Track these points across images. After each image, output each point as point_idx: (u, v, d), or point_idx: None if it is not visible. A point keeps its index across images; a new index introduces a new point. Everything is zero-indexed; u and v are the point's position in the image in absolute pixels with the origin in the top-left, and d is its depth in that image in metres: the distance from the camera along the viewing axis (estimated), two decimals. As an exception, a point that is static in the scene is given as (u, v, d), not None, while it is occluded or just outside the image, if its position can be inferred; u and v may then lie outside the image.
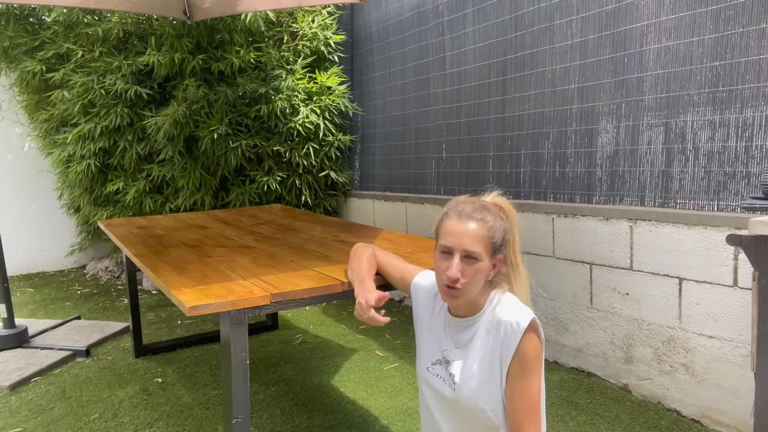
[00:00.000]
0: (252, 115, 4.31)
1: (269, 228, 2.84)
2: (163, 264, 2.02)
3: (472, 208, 1.30)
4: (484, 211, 1.30)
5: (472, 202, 1.32)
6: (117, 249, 4.75)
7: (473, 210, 1.30)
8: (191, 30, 4.20)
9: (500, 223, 1.30)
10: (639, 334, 2.58)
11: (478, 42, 3.37)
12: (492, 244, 1.29)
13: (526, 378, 1.26)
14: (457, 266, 1.26)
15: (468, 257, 1.26)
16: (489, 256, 1.29)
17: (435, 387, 1.41)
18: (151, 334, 3.58)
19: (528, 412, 1.26)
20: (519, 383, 1.26)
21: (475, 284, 1.28)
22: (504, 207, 1.35)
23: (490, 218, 1.29)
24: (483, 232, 1.27)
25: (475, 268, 1.26)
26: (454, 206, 1.33)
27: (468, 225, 1.27)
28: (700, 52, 2.29)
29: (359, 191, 4.73)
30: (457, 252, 1.27)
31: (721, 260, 2.23)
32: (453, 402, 1.35)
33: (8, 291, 3.21)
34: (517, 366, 1.26)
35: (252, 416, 2.42)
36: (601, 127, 2.70)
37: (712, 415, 2.32)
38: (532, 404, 1.26)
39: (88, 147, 4.31)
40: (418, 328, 1.51)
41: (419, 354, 1.48)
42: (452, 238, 1.27)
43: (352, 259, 1.69)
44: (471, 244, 1.26)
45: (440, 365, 1.40)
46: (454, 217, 1.30)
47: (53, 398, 2.66)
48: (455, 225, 1.28)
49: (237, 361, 1.59)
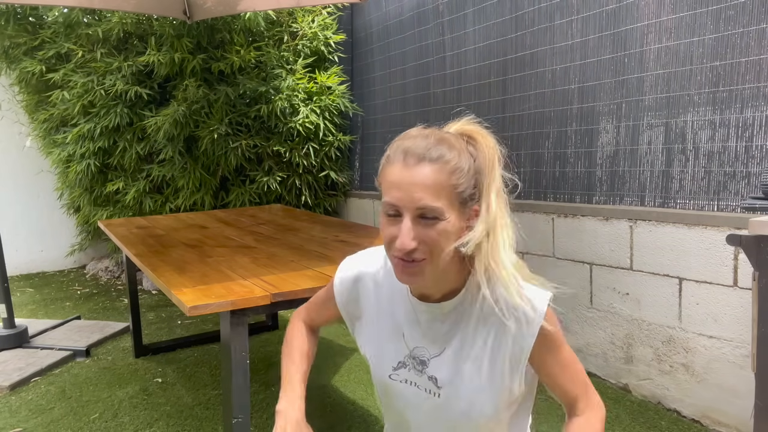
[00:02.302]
0: (252, 115, 4.31)
1: (269, 228, 2.84)
2: (163, 264, 2.02)
3: (425, 143, 0.90)
4: (442, 145, 0.90)
5: (426, 136, 0.92)
6: (117, 249, 4.75)
7: (426, 146, 0.90)
8: (191, 30, 4.20)
9: (467, 160, 0.91)
10: (639, 334, 2.58)
11: (478, 42, 3.37)
12: (458, 193, 0.90)
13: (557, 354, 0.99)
14: (409, 232, 0.88)
15: (423, 217, 0.88)
16: (456, 209, 0.90)
17: (404, 396, 1.07)
18: (151, 334, 3.58)
19: (576, 381, 1.01)
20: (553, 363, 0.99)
21: (441, 254, 0.90)
22: (474, 136, 0.95)
23: (452, 155, 0.90)
24: (442, 178, 0.88)
25: (437, 231, 0.89)
26: (399, 144, 0.93)
27: (418, 170, 0.88)
28: (700, 52, 2.29)
29: (359, 191, 4.73)
30: (406, 211, 0.88)
31: (721, 260, 2.23)
32: (436, 411, 1.04)
33: (8, 291, 3.21)
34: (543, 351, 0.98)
35: (252, 416, 2.42)
36: (601, 127, 2.70)
37: (712, 415, 2.32)
38: (575, 372, 1.01)
39: (88, 147, 4.31)
40: (361, 328, 1.14)
41: (372, 358, 1.12)
42: (397, 193, 0.89)
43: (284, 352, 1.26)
44: (425, 198, 0.87)
45: (408, 368, 1.06)
46: (398, 161, 0.91)
47: (53, 398, 2.66)
48: (400, 172, 0.89)
49: (237, 361, 1.59)
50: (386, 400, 1.14)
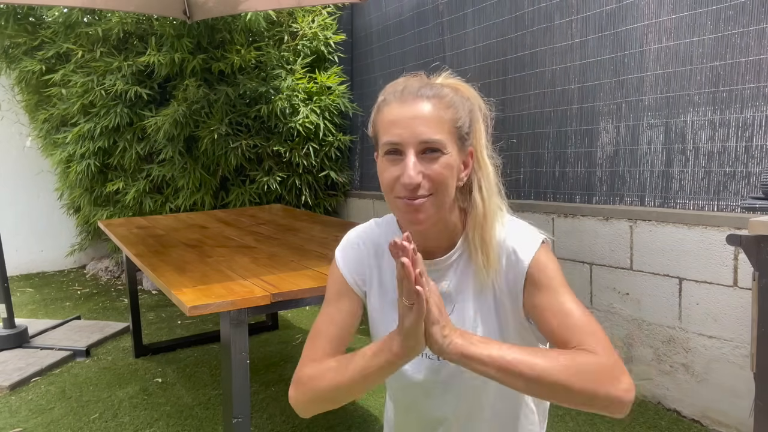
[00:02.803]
0: (252, 115, 4.31)
1: (269, 228, 2.84)
2: (163, 264, 2.02)
3: (419, 83, 0.93)
4: (438, 85, 0.93)
5: (417, 78, 0.95)
6: (117, 249, 4.75)
7: (421, 85, 0.92)
8: (191, 30, 4.20)
9: (462, 100, 0.93)
10: (639, 334, 2.58)
11: (478, 42, 3.37)
12: (457, 128, 0.91)
13: (553, 294, 0.90)
14: (415, 165, 0.86)
15: (428, 151, 0.88)
16: (456, 145, 0.91)
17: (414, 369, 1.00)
18: (151, 334, 3.58)
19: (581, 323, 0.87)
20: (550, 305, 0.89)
21: (445, 189, 0.89)
22: (460, 87, 0.97)
23: (449, 92, 0.92)
24: (441, 112, 0.89)
25: (440, 165, 0.88)
26: (392, 89, 0.94)
27: (418, 105, 0.89)
28: (700, 52, 2.29)
29: (359, 191, 4.73)
30: (409, 146, 0.87)
31: (721, 260, 2.23)
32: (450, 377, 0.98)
33: (8, 291, 3.21)
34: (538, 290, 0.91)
35: (252, 416, 2.42)
36: (601, 127, 2.70)
37: (712, 415, 2.32)
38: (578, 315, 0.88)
39: (88, 147, 4.31)
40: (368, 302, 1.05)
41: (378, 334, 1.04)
42: (398, 129, 0.88)
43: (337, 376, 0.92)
44: (428, 131, 0.87)
45: None
46: (395, 100, 0.91)
47: (53, 398, 2.66)
48: (399, 109, 0.90)
49: (237, 361, 1.59)
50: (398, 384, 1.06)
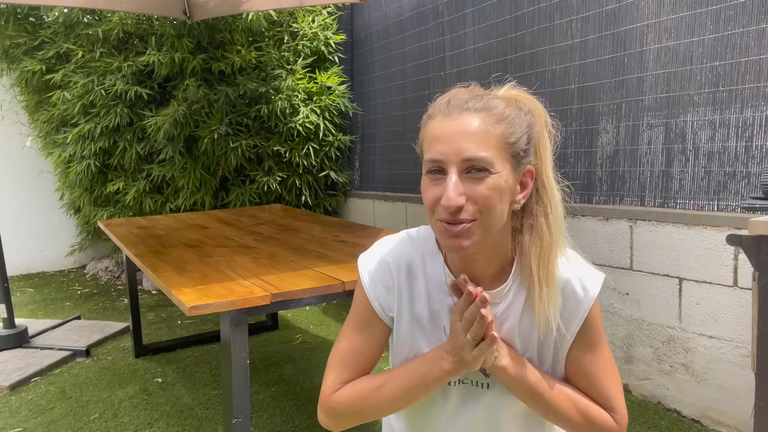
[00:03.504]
0: (252, 115, 4.31)
1: (269, 228, 2.84)
2: (163, 264, 2.02)
3: (468, 95, 0.84)
4: (489, 96, 0.85)
5: (469, 90, 0.87)
6: (117, 249, 4.75)
7: (470, 97, 0.83)
8: (192, 30, 4.20)
9: (519, 114, 0.83)
10: (639, 334, 2.58)
11: (478, 42, 3.37)
12: (510, 144, 0.80)
13: (597, 350, 0.91)
14: (456, 186, 0.78)
15: (470, 170, 0.79)
16: (509, 165, 0.81)
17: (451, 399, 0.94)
18: (151, 334, 3.58)
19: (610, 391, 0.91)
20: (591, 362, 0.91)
21: (494, 214, 0.80)
22: (523, 99, 0.88)
23: (500, 104, 0.82)
24: (489, 126, 0.79)
25: (487, 186, 0.78)
26: (439, 101, 0.86)
27: (463, 119, 0.80)
28: (700, 52, 2.29)
29: (359, 191, 4.73)
30: (451, 165, 0.79)
31: (721, 260, 2.23)
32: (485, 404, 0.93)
33: (8, 291, 3.21)
34: (585, 345, 0.90)
35: (252, 416, 2.42)
36: (601, 127, 2.70)
37: (712, 415, 2.32)
38: (609, 374, 0.92)
39: (88, 147, 4.31)
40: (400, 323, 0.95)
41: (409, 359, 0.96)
42: (440, 146, 0.79)
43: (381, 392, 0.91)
44: (472, 148, 0.78)
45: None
46: (440, 114, 0.83)
47: (53, 398, 2.66)
48: (443, 124, 0.81)
49: (237, 361, 1.59)
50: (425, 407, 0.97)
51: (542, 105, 0.90)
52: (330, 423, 0.95)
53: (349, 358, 0.94)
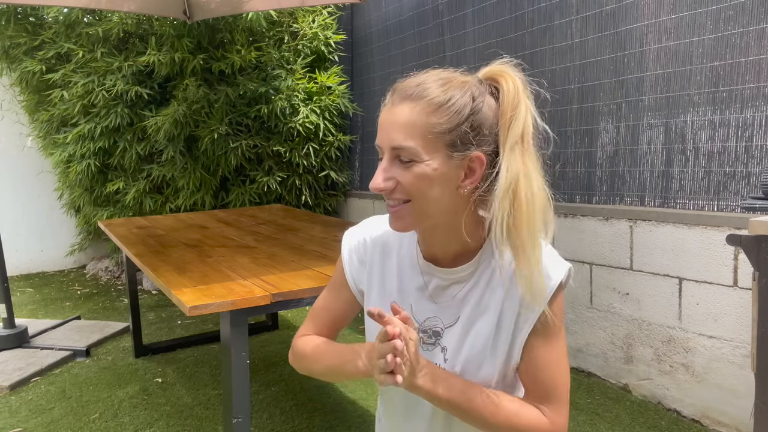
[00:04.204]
0: (252, 115, 4.31)
1: (269, 228, 2.84)
2: (163, 264, 2.02)
3: (416, 81, 0.86)
4: (437, 83, 0.84)
5: (424, 75, 0.87)
6: (117, 249, 4.75)
7: (415, 83, 0.85)
8: (192, 30, 4.20)
9: (464, 99, 0.83)
10: (639, 334, 2.58)
11: (478, 42, 3.37)
12: (438, 134, 0.82)
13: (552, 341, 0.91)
14: (382, 172, 0.84)
15: (400, 158, 0.84)
16: (441, 153, 0.83)
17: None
18: (151, 334, 3.58)
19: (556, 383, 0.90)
20: (544, 353, 0.91)
21: (425, 199, 0.84)
22: (497, 76, 0.87)
23: (438, 92, 0.83)
24: (415, 116, 0.82)
25: (413, 174, 0.83)
26: (396, 85, 0.89)
27: (398, 109, 0.84)
28: (700, 52, 2.29)
29: (359, 191, 4.73)
30: (384, 152, 0.85)
31: (721, 260, 2.23)
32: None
33: (8, 291, 3.21)
34: (539, 337, 0.90)
35: (252, 416, 2.42)
36: (601, 127, 2.70)
37: (712, 415, 2.32)
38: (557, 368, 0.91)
39: (88, 147, 4.31)
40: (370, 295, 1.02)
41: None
42: (379, 133, 0.86)
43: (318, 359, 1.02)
44: (398, 137, 0.83)
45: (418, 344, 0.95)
46: (387, 101, 0.88)
47: (53, 398, 2.66)
48: (385, 112, 0.87)
49: (237, 361, 1.59)
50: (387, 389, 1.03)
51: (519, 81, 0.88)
52: (291, 360, 1.08)
53: (318, 312, 1.08)
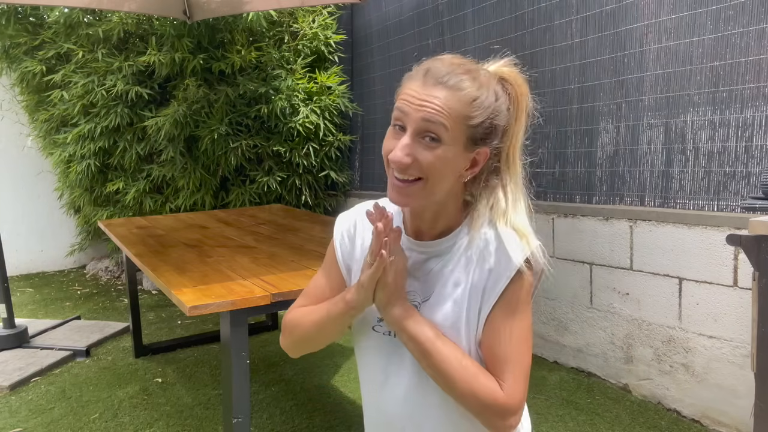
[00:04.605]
0: (252, 115, 4.31)
1: (269, 228, 2.84)
2: (163, 264, 2.02)
3: (449, 69, 0.87)
4: (467, 75, 0.87)
5: (454, 63, 0.89)
6: (117, 249, 4.75)
7: (449, 72, 0.87)
8: (192, 30, 4.20)
9: (490, 98, 0.88)
10: (639, 334, 2.58)
11: (478, 42, 3.37)
12: (469, 126, 0.86)
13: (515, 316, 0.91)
14: (406, 146, 0.85)
15: (427, 136, 0.85)
16: (461, 143, 0.86)
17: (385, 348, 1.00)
18: (151, 334, 3.58)
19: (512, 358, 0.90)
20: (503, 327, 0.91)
21: (437, 180, 0.87)
22: (510, 80, 0.92)
23: (472, 87, 0.86)
24: (454, 104, 0.84)
25: (435, 155, 0.85)
26: (425, 64, 0.90)
27: (434, 90, 0.85)
28: (700, 52, 2.29)
29: (359, 191, 4.73)
30: (410, 124, 0.86)
31: (721, 260, 2.23)
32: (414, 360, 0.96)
33: (8, 291, 3.21)
34: (500, 311, 0.91)
35: (252, 416, 2.42)
36: (601, 127, 2.70)
37: (712, 415, 2.32)
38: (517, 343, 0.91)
39: (88, 147, 4.31)
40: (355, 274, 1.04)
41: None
42: (408, 102, 0.86)
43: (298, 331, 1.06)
44: (432, 115, 0.84)
45: None
46: (419, 78, 0.88)
47: (53, 398, 2.66)
48: (416, 87, 0.87)
49: (237, 361, 1.59)
50: (366, 357, 1.05)
51: (527, 88, 0.94)
52: (282, 339, 1.09)
53: (309, 290, 1.10)
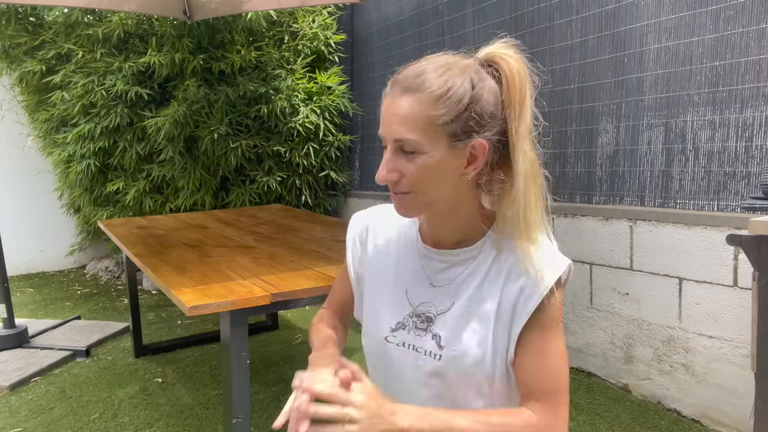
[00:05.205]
0: (252, 115, 4.31)
1: (269, 228, 2.84)
2: (163, 264, 2.02)
3: (414, 71, 0.86)
4: (434, 73, 0.85)
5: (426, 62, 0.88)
6: (117, 249, 4.75)
7: (414, 74, 0.86)
8: (192, 30, 4.20)
9: (464, 87, 0.84)
10: (639, 334, 2.58)
11: (478, 42, 3.36)
12: (439, 126, 0.83)
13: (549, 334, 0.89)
14: (386, 163, 0.86)
15: (403, 150, 0.85)
16: (444, 143, 0.84)
17: (400, 362, 0.96)
18: (151, 334, 3.58)
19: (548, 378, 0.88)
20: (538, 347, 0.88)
21: (427, 188, 0.87)
22: (497, 61, 0.90)
23: (437, 82, 0.84)
24: (416, 109, 0.83)
25: (416, 165, 0.85)
26: (393, 77, 0.90)
27: (398, 101, 0.85)
28: (700, 52, 2.29)
29: (359, 191, 4.73)
30: (388, 141, 0.87)
31: (721, 260, 2.23)
32: (434, 377, 0.93)
33: (8, 291, 3.21)
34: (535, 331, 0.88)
35: (252, 416, 2.42)
36: (601, 127, 2.70)
37: (712, 415, 2.32)
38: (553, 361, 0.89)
39: (88, 147, 4.31)
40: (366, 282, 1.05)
41: (370, 316, 1.03)
42: (382, 125, 0.88)
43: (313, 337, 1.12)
44: (400, 129, 0.84)
45: (408, 329, 0.95)
46: (388, 91, 0.89)
47: (53, 398, 2.66)
48: (386, 103, 0.88)
49: (237, 361, 1.59)
50: (378, 370, 1.02)
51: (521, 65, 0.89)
52: None
53: (332, 290, 1.18)
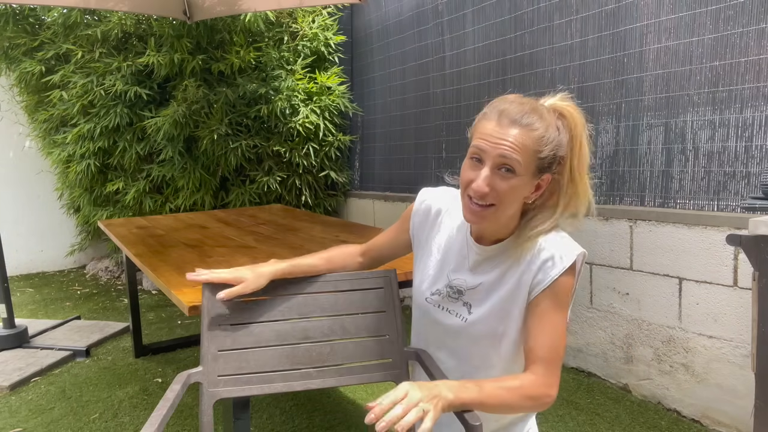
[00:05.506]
0: (252, 116, 4.31)
1: (269, 228, 2.84)
2: (163, 264, 2.02)
3: (519, 110, 1.04)
4: (534, 114, 1.04)
5: (522, 103, 1.05)
6: (117, 249, 4.75)
7: (520, 112, 1.03)
8: (191, 30, 4.20)
9: (553, 134, 1.05)
10: (639, 334, 2.58)
11: (478, 42, 3.37)
12: (537, 159, 1.03)
13: (555, 309, 1.09)
14: (486, 178, 1.02)
15: (501, 168, 1.02)
16: (531, 173, 1.04)
17: (435, 318, 1.24)
18: (151, 334, 3.57)
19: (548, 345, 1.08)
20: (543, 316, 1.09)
21: (507, 205, 1.06)
22: (566, 115, 1.08)
23: (540, 126, 1.03)
24: (527, 141, 1.01)
25: (509, 185, 1.03)
26: (497, 105, 1.07)
27: (509, 130, 1.02)
28: (699, 52, 2.29)
29: (359, 191, 4.73)
30: (489, 159, 1.03)
31: (721, 260, 2.24)
32: (459, 332, 1.20)
33: (8, 291, 3.21)
34: (547, 300, 1.09)
35: (252, 416, 2.42)
36: (600, 127, 2.70)
37: (712, 415, 2.32)
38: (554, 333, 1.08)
39: (88, 147, 4.31)
40: (422, 249, 1.30)
41: (418, 277, 1.30)
42: (487, 141, 1.03)
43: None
44: (510, 152, 1.01)
45: (443, 296, 1.22)
46: (493, 118, 1.04)
47: (53, 398, 2.66)
48: (492, 127, 1.03)
49: (237, 361, 1.58)
50: (420, 321, 1.31)
51: (582, 118, 1.09)
52: None
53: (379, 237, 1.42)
